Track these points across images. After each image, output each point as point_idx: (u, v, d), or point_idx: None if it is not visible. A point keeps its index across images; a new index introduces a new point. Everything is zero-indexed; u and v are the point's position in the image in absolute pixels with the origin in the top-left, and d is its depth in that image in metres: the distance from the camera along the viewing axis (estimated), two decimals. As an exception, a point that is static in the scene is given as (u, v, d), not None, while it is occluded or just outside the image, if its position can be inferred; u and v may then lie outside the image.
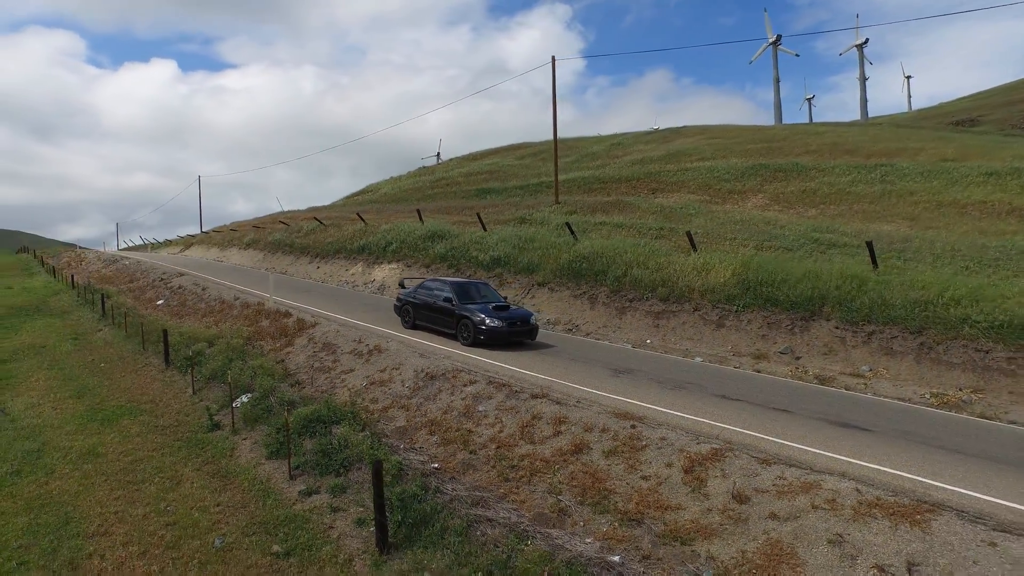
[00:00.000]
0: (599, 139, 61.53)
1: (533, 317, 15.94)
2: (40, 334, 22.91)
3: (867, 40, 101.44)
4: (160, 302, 25.47)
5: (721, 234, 22.35)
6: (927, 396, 12.12)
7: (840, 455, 8.30)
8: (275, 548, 8.39)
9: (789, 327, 15.45)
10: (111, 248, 75.55)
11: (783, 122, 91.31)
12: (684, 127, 59.06)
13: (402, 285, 18.37)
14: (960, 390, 12.30)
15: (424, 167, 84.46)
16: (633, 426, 9.42)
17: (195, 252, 52.13)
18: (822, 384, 13.06)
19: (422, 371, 12.91)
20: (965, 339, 13.05)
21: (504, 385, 11.65)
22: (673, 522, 7.40)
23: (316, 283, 30.71)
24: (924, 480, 7.49)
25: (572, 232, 24.08)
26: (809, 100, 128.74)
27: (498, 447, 9.77)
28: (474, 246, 26.53)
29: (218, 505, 9.62)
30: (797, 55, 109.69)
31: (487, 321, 14.90)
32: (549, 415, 10.19)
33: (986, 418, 10.82)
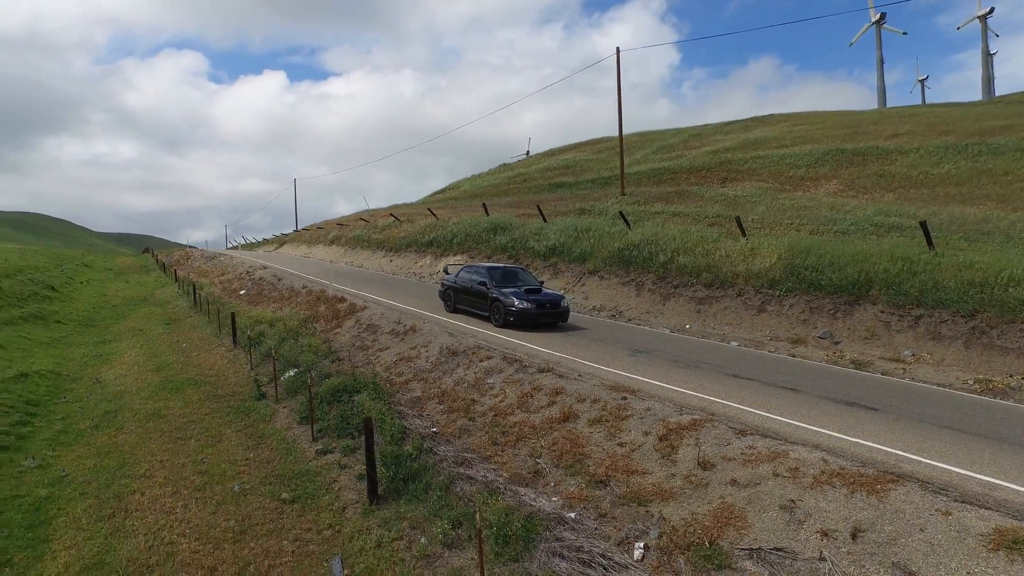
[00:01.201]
0: (677, 131, 60.00)
1: (564, 300, 16.19)
2: (141, 320, 25.74)
3: (992, 10, 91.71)
4: (242, 292, 27.84)
5: (778, 220, 21.50)
6: (970, 382, 11.31)
7: (825, 429, 8.08)
8: (284, 495, 9.28)
9: (832, 311, 14.79)
10: (220, 247, 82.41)
11: (887, 106, 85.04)
12: (769, 115, 56.36)
13: (446, 271, 19.15)
14: (1011, 376, 11.37)
15: (505, 164, 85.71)
16: (624, 398, 9.55)
17: (286, 249, 56.00)
18: (857, 368, 12.48)
19: (446, 348, 13.55)
20: (1023, 323, 12.03)
21: (516, 360, 12.06)
22: (636, 485, 7.54)
23: (387, 275, 32.21)
24: (902, 454, 7.19)
25: (626, 221, 23.98)
26: (922, 81, 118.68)
27: (495, 415, 10.20)
28: (532, 237, 27.00)
29: (246, 460, 10.69)
30: (905, 33, 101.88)
31: (516, 303, 15.32)
32: (548, 387, 10.50)
33: (1031, 405, 10.00)
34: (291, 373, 14.63)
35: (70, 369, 17.36)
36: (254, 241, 76.21)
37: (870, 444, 7.51)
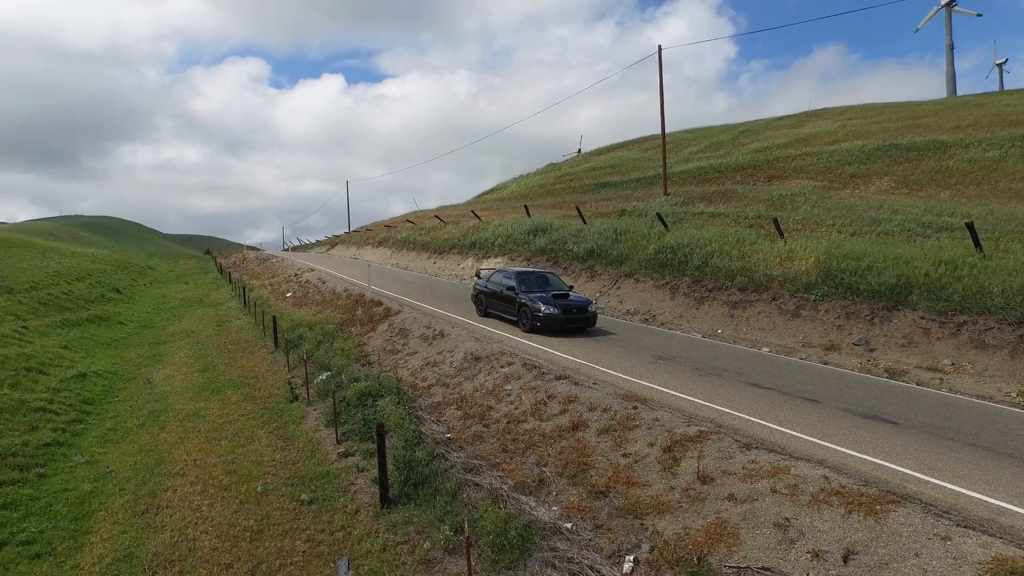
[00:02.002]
0: (727, 127, 58.51)
1: (592, 305, 16.15)
2: (195, 321, 27.10)
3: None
4: (289, 294, 28.91)
5: (821, 221, 20.78)
6: (1013, 394, 10.72)
7: (834, 444, 7.86)
8: (303, 496, 9.69)
9: (868, 317, 14.24)
10: (277, 248, 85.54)
11: (958, 94, 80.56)
12: (823, 109, 54.22)
13: (478, 275, 19.38)
14: (1058, 389, 10.71)
15: (552, 164, 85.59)
16: (634, 407, 9.52)
17: (337, 251, 57.56)
18: (890, 377, 12.01)
19: (470, 354, 13.77)
20: (1074, 332, 11.31)
21: (535, 367, 12.15)
22: (635, 497, 7.54)
23: (430, 277, 32.76)
24: (911, 473, 6.94)
25: (663, 223, 23.68)
26: (1000, 65, 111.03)
27: (509, 422, 10.34)
28: (571, 239, 26.99)
29: (273, 461, 11.19)
30: (979, 15, 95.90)
31: (542, 308, 15.40)
32: (563, 395, 10.56)
33: (1078, 420, 9.41)
34: (323, 376, 15.17)
35: (126, 369, 18.49)
36: (308, 243, 78.80)
37: (878, 461, 7.27)
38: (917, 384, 11.57)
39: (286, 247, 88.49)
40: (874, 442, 7.94)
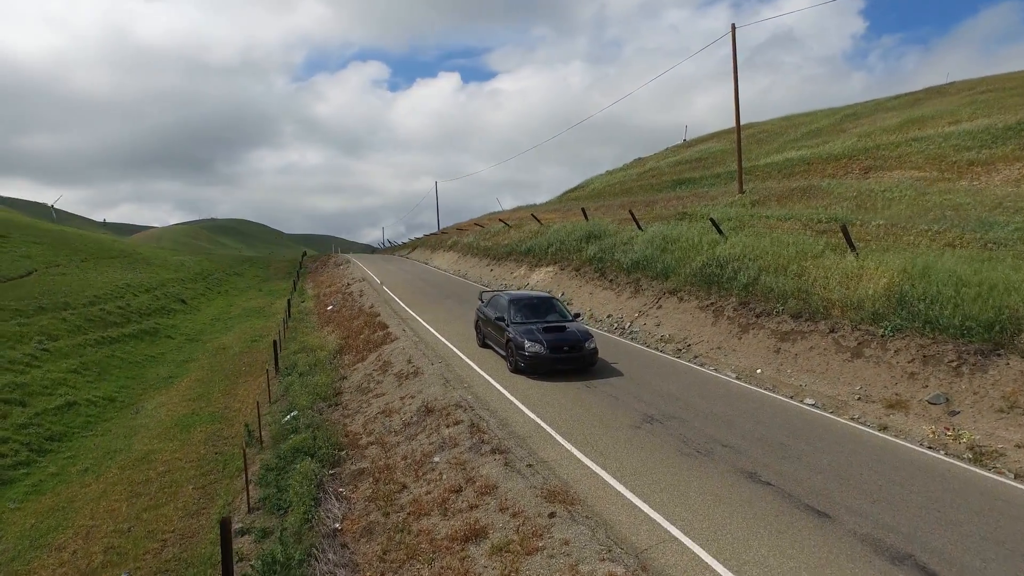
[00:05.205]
0: (831, 111, 51.68)
1: (591, 340, 13.35)
2: (236, 336, 26.94)
3: None
4: (329, 307, 28.14)
5: (911, 225, 16.56)
6: None
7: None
8: (160, 595, 8.04)
9: (954, 365, 10.53)
10: (386, 245, 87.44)
11: None
12: (948, 84, 46.27)
13: (480, 298, 17.11)
14: None
15: (638, 159, 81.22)
16: (552, 515, 6.95)
17: (416, 254, 57.21)
18: (973, 461, 8.54)
19: (425, 405, 11.59)
20: None
21: (480, 431, 9.77)
22: None
23: (481, 286, 30.93)
24: None
25: (718, 229, 20.25)
26: None
27: (410, 513, 8.07)
28: (621, 248, 24.21)
29: (172, 531, 9.71)
30: None
31: (527, 345, 12.89)
32: (483, 481, 8.14)
33: None
34: (288, 417, 13.66)
35: (128, 394, 18.07)
36: (395, 244, 79.83)
37: None
38: (1015, 477, 8.03)
39: (386, 246, 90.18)
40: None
